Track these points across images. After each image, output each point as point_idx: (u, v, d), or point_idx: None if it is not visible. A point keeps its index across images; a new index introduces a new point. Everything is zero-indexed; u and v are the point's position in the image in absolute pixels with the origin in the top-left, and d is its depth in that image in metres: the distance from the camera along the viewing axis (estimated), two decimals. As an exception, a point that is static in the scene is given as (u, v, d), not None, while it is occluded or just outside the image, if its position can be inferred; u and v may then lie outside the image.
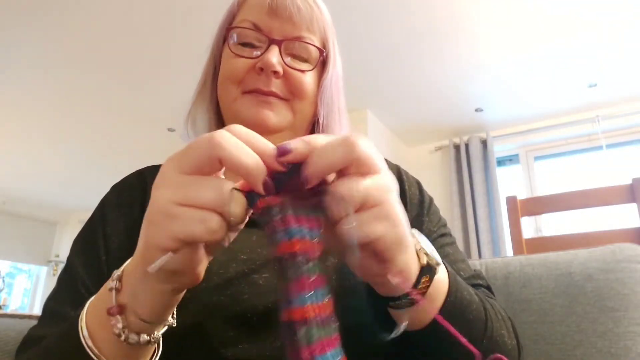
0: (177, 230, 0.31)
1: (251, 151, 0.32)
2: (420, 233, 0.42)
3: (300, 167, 0.33)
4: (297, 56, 0.61)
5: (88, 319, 0.39)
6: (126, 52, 2.97)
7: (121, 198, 0.61)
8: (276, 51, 0.59)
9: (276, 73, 0.58)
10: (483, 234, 3.64)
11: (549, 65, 3.06)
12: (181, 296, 0.39)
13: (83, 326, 0.38)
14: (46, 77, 3.28)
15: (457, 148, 4.02)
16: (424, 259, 0.39)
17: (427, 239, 0.62)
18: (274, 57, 0.58)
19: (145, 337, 0.37)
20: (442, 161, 4.17)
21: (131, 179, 0.65)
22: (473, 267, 0.63)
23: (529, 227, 3.60)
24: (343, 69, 0.70)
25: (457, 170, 3.96)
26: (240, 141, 0.32)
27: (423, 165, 4.19)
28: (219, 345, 0.49)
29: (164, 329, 0.40)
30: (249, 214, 0.33)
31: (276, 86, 0.59)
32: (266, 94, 0.59)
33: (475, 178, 3.81)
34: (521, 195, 2.43)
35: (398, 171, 0.68)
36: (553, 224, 3.55)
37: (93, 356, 0.37)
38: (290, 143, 0.32)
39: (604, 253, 0.75)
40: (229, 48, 0.62)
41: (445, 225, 0.66)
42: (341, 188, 0.32)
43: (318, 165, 0.32)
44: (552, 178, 3.85)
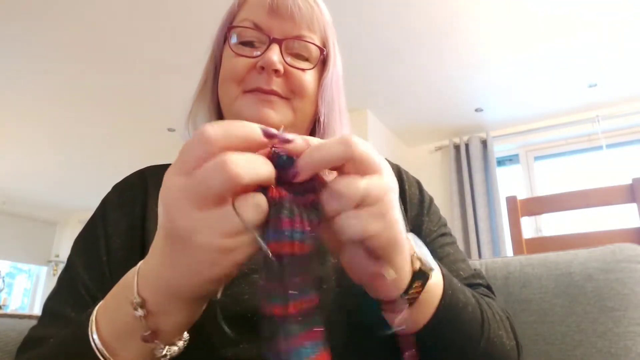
0: (240, 257, 0.32)
1: (258, 158, 0.32)
2: (416, 237, 0.42)
3: (287, 158, 0.33)
4: (298, 55, 0.61)
5: (103, 335, 0.37)
6: (126, 52, 2.97)
7: (123, 198, 0.61)
8: (277, 50, 0.59)
9: (277, 72, 0.58)
10: (483, 234, 3.64)
11: (549, 65, 3.06)
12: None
13: (96, 340, 0.37)
14: (46, 77, 3.28)
15: (457, 148, 4.02)
16: (417, 265, 0.39)
17: (427, 239, 0.62)
18: (275, 56, 0.58)
19: (180, 343, 0.38)
20: (442, 161, 4.17)
21: (132, 179, 0.65)
22: (473, 267, 0.63)
23: (529, 227, 3.60)
24: (343, 69, 0.70)
25: (457, 170, 3.96)
26: (246, 155, 0.31)
27: (423, 165, 4.19)
28: (219, 345, 0.48)
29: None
30: None
31: (277, 85, 0.59)
32: (267, 93, 0.59)
33: (475, 178, 3.81)
34: (521, 195, 2.43)
35: (398, 171, 0.68)
36: (553, 224, 3.55)
37: None
38: (289, 134, 0.33)
39: (604, 253, 0.75)
40: (230, 47, 0.62)
41: (445, 224, 0.66)
42: (339, 185, 0.33)
43: (312, 157, 0.32)
44: (552, 178, 3.84)
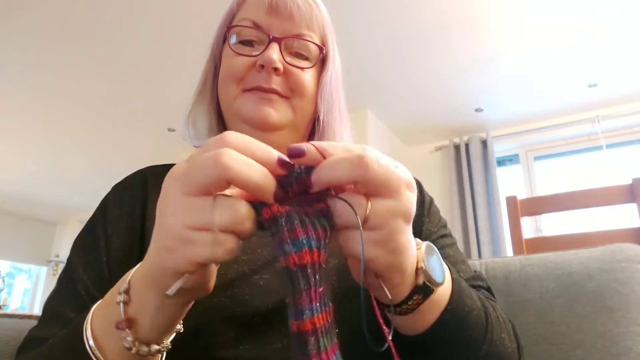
0: (197, 254, 0.31)
1: (258, 166, 0.31)
2: (431, 246, 0.41)
3: (304, 168, 0.32)
4: (297, 54, 0.62)
5: (94, 329, 0.38)
6: (126, 52, 2.97)
7: (122, 198, 0.61)
8: (276, 48, 0.59)
9: (277, 70, 0.58)
10: (483, 234, 3.64)
11: (549, 65, 3.06)
12: (190, 306, 0.38)
13: (89, 336, 0.38)
14: (46, 77, 3.28)
15: (457, 148, 4.02)
16: (421, 280, 0.38)
17: (427, 240, 0.62)
18: (275, 54, 0.58)
19: (155, 347, 0.37)
20: (442, 161, 4.17)
21: (132, 179, 0.64)
22: (473, 268, 0.63)
23: (529, 227, 3.60)
24: (343, 69, 0.70)
25: (457, 170, 3.96)
26: (245, 157, 0.31)
27: (423, 165, 4.19)
28: (220, 346, 0.48)
29: (172, 336, 0.40)
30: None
31: (277, 83, 0.59)
32: (267, 91, 0.59)
33: (475, 178, 3.81)
34: (521, 195, 2.43)
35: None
36: (553, 224, 3.55)
37: None
38: (303, 145, 0.32)
39: (604, 253, 0.75)
40: (229, 47, 0.62)
41: (445, 225, 0.66)
42: (341, 204, 0.32)
43: (324, 176, 0.32)
44: (552, 178, 3.84)
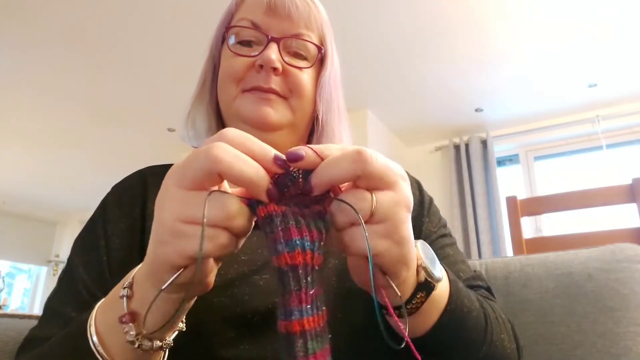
0: (188, 248, 0.31)
1: (251, 161, 0.31)
2: (425, 244, 0.41)
3: (303, 172, 0.32)
4: (296, 54, 0.62)
5: (97, 325, 0.38)
6: (126, 52, 2.97)
7: (122, 198, 0.61)
8: (275, 48, 0.59)
9: (275, 70, 0.59)
10: (483, 234, 3.64)
11: (549, 65, 3.06)
12: (192, 303, 0.38)
13: (92, 332, 0.38)
14: (46, 77, 3.28)
15: (457, 148, 4.02)
16: (422, 276, 0.39)
17: (427, 240, 0.62)
18: (273, 54, 0.58)
19: (158, 343, 0.37)
20: (442, 161, 4.17)
21: (132, 179, 0.64)
22: (473, 268, 0.63)
23: (529, 227, 3.60)
24: (343, 69, 0.70)
25: (457, 170, 3.96)
26: (238, 151, 0.31)
27: (423, 165, 4.19)
28: (220, 346, 0.49)
29: (175, 334, 0.40)
30: (254, 221, 0.33)
31: (275, 83, 0.59)
32: (266, 91, 0.59)
33: (475, 178, 3.81)
34: (521, 195, 2.43)
35: (398, 171, 0.68)
36: (553, 224, 3.55)
37: None
38: (301, 149, 0.32)
39: (604, 253, 0.75)
40: (228, 47, 0.62)
41: (445, 225, 0.66)
42: (349, 199, 0.32)
43: (324, 176, 0.32)
44: (552, 178, 3.84)
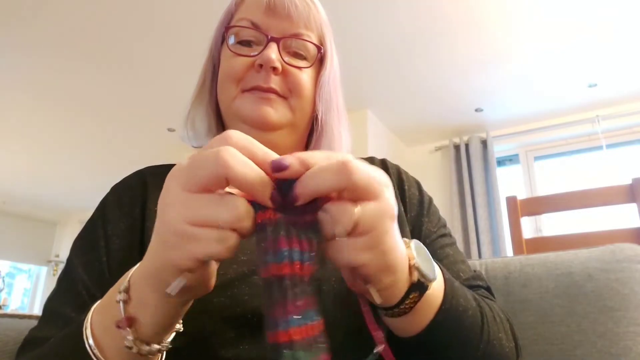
0: (198, 251, 0.31)
1: (256, 167, 0.31)
2: (419, 243, 0.41)
3: (290, 182, 0.32)
4: (296, 54, 0.62)
5: (94, 328, 0.38)
6: (127, 53, 2.98)
7: (122, 198, 0.61)
8: (275, 48, 0.59)
9: (275, 69, 0.59)
10: (483, 234, 3.64)
11: (549, 65, 3.06)
12: (190, 304, 0.38)
13: (88, 335, 0.38)
14: (46, 78, 3.28)
15: (457, 148, 4.02)
16: (415, 276, 0.38)
17: (427, 239, 0.62)
18: (273, 54, 0.58)
19: (156, 346, 0.37)
20: (442, 161, 4.17)
21: (131, 179, 0.64)
22: (473, 268, 0.63)
23: (529, 227, 3.60)
24: (343, 69, 0.70)
25: (457, 170, 3.96)
26: (246, 158, 0.31)
27: (423, 165, 4.19)
28: (219, 346, 0.48)
29: (172, 335, 0.40)
30: None
31: (275, 83, 0.59)
32: (266, 91, 0.59)
33: (475, 178, 3.81)
34: (521, 195, 2.43)
35: (398, 171, 0.68)
36: (553, 224, 3.55)
37: None
38: (286, 159, 0.32)
39: (604, 253, 0.75)
40: (228, 47, 0.62)
41: (445, 225, 0.66)
42: (331, 212, 0.32)
43: (308, 187, 0.32)
44: (552, 178, 3.85)
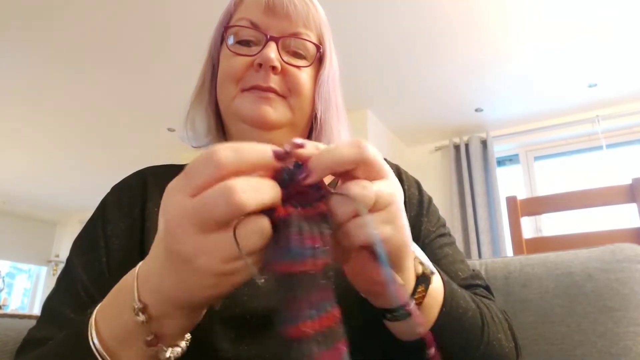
0: (238, 280, 0.32)
1: (267, 185, 0.31)
2: (413, 242, 0.41)
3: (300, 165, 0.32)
4: (295, 53, 0.62)
5: (104, 339, 0.37)
6: (126, 52, 2.98)
7: (122, 198, 0.61)
8: (274, 47, 0.59)
9: (274, 68, 0.59)
10: (483, 234, 3.64)
11: (549, 65, 3.06)
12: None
13: (97, 345, 0.37)
14: (45, 78, 3.28)
15: (457, 148, 4.02)
16: (419, 269, 0.39)
17: (426, 239, 0.62)
18: (272, 53, 0.58)
19: (183, 343, 0.38)
20: (442, 161, 4.17)
21: (131, 180, 0.64)
22: (473, 268, 0.63)
23: (529, 227, 3.60)
24: (343, 69, 0.70)
25: (457, 170, 3.96)
26: (252, 181, 0.30)
27: (423, 165, 4.19)
28: (219, 346, 0.48)
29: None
30: None
31: (274, 82, 0.59)
32: (265, 90, 0.59)
33: (475, 178, 3.81)
34: (521, 195, 2.43)
35: (397, 171, 0.68)
36: (553, 224, 3.55)
37: None
38: (303, 141, 0.33)
39: (604, 253, 0.75)
40: (227, 47, 0.62)
41: (444, 225, 0.66)
42: (353, 189, 0.32)
43: (323, 159, 0.32)
44: (552, 178, 3.85)
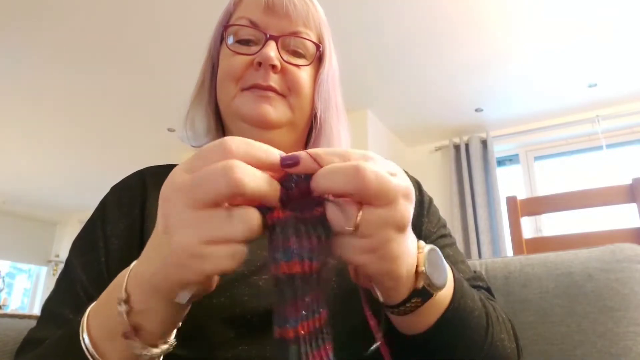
0: (209, 268, 0.31)
1: (266, 176, 0.31)
2: (435, 250, 0.40)
3: (304, 175, 0.32)
4: (294, 52, 0.62)
5: (92, 333, 0.37)
6: (125, 52, 2.97)
7: (122, 198, 0.61)
8: (274, 46, 0.59)
9: (274, 67, 0.59)
10: (483, 234, 3.64)
11: (549, 65, 3.06)
12: (191, 304, 0.39)
13: (87, 343, 0.37)
14: (45, 78, 3.28)
15: (457, 148, 4.02)
16: (420, 284, 0.38)
17: (426, 240, 0.61)
18: (272, 52, 0.58)
19: (164, 347, 0.37)
20: (442, 161, 4.17)
21: (131, 180, 0.64)
22: (473, 268, 0.63)
23: (529, 227, 3.60)
24: (343, 69, 0.70)
25: (457, 170, 3.96)
26: (255, 170, 0.30)
27: (423, 165, 4.19)
28: (219, 346, 0.48)
29: (174, 333, 0.40)
30: None
31: (274, 81, 0.59)
32: (265, 89, 0.59)
33: (475, 178, 3.81)
34: (521, 195, 2.43)
35: (397, 171, 0.68)
36: (553, 224, 3.55)
37: None
38: (299, 155, 0.32)
39: (604, 253, 0.75)
40: (227, 46, 0.62)
41: (445, 225, 0.66)
42: (332, 212, 0.32)
43: (320, 185, 0.32)
44: (552, 178, 3.85)
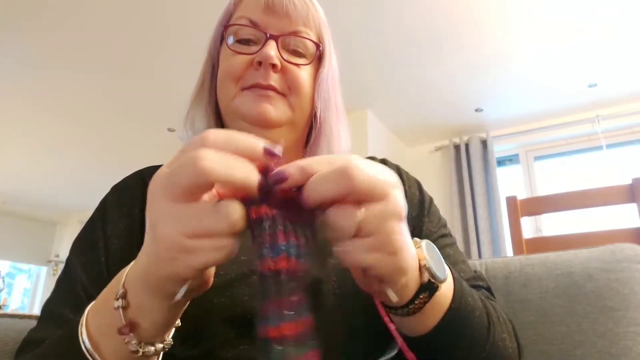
0: (196, 262, 0.30)
1: (239, 162, 0.30)
2: (430, 244, 0.41)
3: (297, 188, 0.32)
4: (294, 52, 0.62)
5: (90, 331, 0.38)
6: (125, 52, 2.97)
7: (122, 198, 0.61)
8: (274, 45, 0.59)
9: (274, 66, 0.59)
10: (483, 234, 3.64)
11: (549, 65, 3.06)
12: (188, 302, 0.38)
13: (85, 340, 0.37)
14: (45, 78, 3.28)
15: (457, 148, 4.02)
16: (426, 277, 0.38)
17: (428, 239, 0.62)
18: (272, 51, 0.58)
19: (159, 345, 0.37)
20: (442, 161, 4.17)
21: (131, 180, 0.64)
22: (473, 268, 0.63)
23: (529, 227, 3.60)
24: (343, 70, 0.70)
25: (457, 170, 3.96)
26: (225, 156, 0.30)
27: (423, 165, 4.19)
28: (219, 346, 0.49)
29: (172, 332, 0.40)
30: None
31: (274, 80, 0.59)
32: (265, 88, 0.59)
33: (475, 178, 3.81)
34: (521, 195, 2.43)
35: (398, 171, 0.68)
36: (553, 224, 3.55)
37: None
38: (286, 169, 0.32)
39: (604, 253, 0.75)
40: (227, 46, 0.62)
41: (445, 225, 0.66)
42: (332, 217, 0.32)
43: (313, 196, 0.31)
44: (552, 178, 3.85)
